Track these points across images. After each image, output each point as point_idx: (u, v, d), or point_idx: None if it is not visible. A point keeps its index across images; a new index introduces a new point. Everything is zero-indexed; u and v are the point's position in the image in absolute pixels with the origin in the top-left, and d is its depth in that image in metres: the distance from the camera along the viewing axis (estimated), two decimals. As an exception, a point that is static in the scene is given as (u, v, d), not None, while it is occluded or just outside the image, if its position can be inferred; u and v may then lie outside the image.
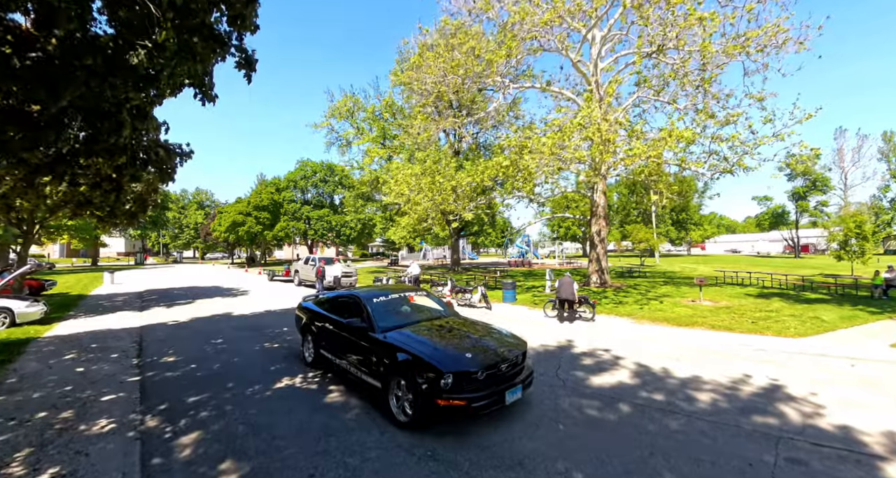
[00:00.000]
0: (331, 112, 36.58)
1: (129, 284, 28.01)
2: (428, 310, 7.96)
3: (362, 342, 6.50)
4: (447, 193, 20.43)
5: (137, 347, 9.86)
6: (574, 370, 7.97)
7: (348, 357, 6.86)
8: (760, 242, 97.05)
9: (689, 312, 14.58)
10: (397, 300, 7.67)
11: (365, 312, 6.81)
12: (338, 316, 7.46)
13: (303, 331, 8.52)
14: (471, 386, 5.30)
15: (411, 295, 8.15)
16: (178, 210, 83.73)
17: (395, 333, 6.29)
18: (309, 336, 8.22)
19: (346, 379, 7.16)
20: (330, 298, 8.29)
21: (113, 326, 12.55)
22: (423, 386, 5.28)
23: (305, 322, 8.45)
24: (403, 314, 7.39)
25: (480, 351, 5.80)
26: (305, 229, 58.57)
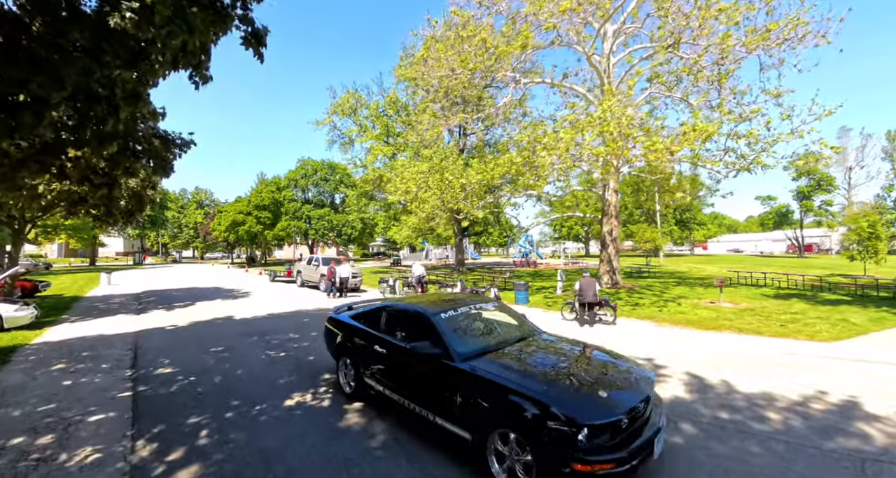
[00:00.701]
0: (333, 109, 35.82)
1: (127, 284, 27.23)
2: (505, 326, 6.32)
3: (435, 374, 4.95)
4: (456, 190, 19.75)
5: (132, 355, 9.10)
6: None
7: (412, 393, 5.28)
8: (763, 241, 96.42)
9: (712, 314, 13.92)
10: (470, 315, 6.11)
11: (435, 334, 5.21)
12: (389, 336, 5.94)
13: (338, 351, 6.93)
14: (616, 439, 3.89)
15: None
16: (177, 209, 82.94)
17: (484, 363, 4.76)
18: (347, 359, 6.64)
19: (407, 420, 5.55)
20: (372, 312, 6.67)
21: (107, 331, 11.78)
22: (547, 445, 3.79)
23: (341, 341, 6.83)
24: (483, 334, 5.91)
25: (613, 387, 4.38)
26: (306, 229, 57.83)
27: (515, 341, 5.60)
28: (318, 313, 14.58)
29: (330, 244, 66.60)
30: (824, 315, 13.22)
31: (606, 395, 4.16)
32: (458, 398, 4.56)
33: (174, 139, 7.09)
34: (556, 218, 30.44)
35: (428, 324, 5.42)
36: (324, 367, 8.06)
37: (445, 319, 5.53)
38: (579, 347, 5.63)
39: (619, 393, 4.28)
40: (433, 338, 5.21)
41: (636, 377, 4.68)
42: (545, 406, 3.90)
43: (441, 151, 27.91)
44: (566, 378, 4.50)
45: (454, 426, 4.61)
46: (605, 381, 4.50)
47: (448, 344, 5.02)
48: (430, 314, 5.54)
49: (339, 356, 6.88)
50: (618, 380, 4.58)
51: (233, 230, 49.89)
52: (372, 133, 34.38)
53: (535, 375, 4.50)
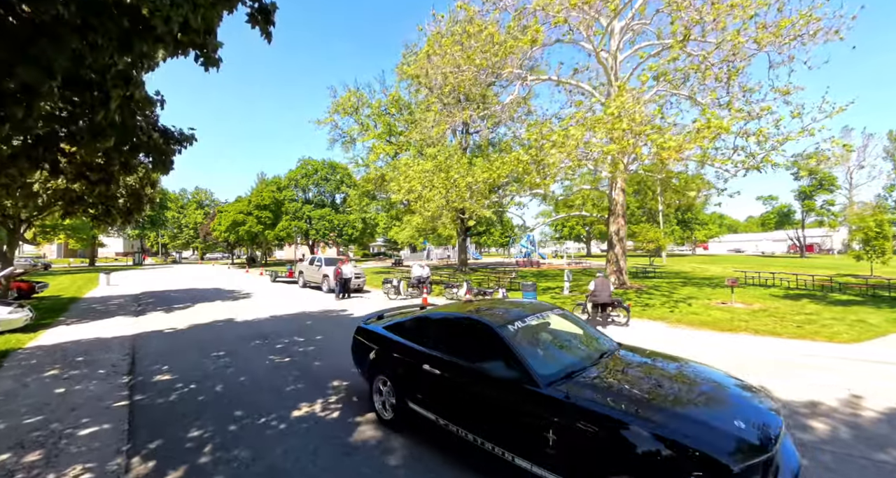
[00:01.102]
0: (334, 108, 35.40)
1: (126, 285, 26.83)
2: (579, 338, 5.34)
3: (514, 403, 3.99)
4: (462, 189, 19.36)
5: (129, 360, 8.68)
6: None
7: (479, 425, 4.31)
8: (764, 241, 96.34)
9: (726, 315, 13.57)
10: (538, 326, 5.19)
11: (508, 352, 4.26)
12: (444, 353, 4.92)
13: (373, 370, 5.81)
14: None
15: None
16: (177, 209, 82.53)
17: (578, 388, 3.82)
18: (385, 379, 5.55)
19: (470, 452, 4.44)
20: (415, 322, 5.65)
21: (104, 334, 11.35)
22: None
23: (377, 358, 5.76)
24: (562, 350, 4.97)
25: (748, 415, 3.55)
26: (307, 229, 57.44)
27: (599, 358, 4.67)
28: (323, 316, 14.18)
29: (331, 244, 66.22)
30: (839, 316, 12.95)
31: (744, 426, 3.35)
32: (551, 436, 3.61)
33: (173, 134, 6.67)
34: (562, 217, 30.10)
35: (495, 339, 4.46)
36: (332, 373, 7.66)
37: (515, 333, 4.57)
38: (679, 364, 4.69)
39: (758, 422, 3.45)
40: (506, 357, 4.26)
41: (762, 400, 3.91)
42: (682, 447, 3.06)
43: (445, 149, 27.51)
44: (690, 407, 3.59)
45: (546, 471, 3.66)
46: (735, 407, 3.70)
47: (528, 366, 4.06)
48: (496, 327, 4.57)
49: (374, 376, 5.76)
50: (748, 405, 3.75)
51: (233, 230, 49.48)
52: (374, 132, 33.97)
53: (652, 404, 3.58)
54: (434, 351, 5.05)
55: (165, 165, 5.89)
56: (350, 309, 15.87)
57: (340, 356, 8.54)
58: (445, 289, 19.45)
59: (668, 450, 3.09)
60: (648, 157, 15.30)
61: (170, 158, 6.06)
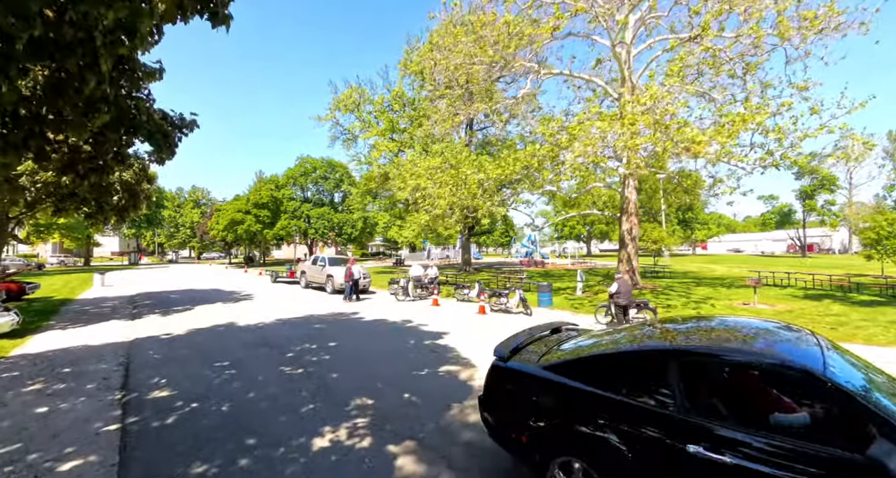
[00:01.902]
0: (336, 104, 34.53)
1: (121, 286, 25.85)
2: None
3: None
4: (473, 186, 18.55)
5: (123, 372, 7.78)
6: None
7: None
8: (763, 241, 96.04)
9: (755, 317, 12.78)
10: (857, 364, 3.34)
11: (870, 416, 2.54)
12: (720, 421, 2.97)
13: (549, 445, 3.67)
14: None
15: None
16: (173, 208, 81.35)
17: None
18: (582, 464, 3.42)
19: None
20: (633, 359, 3.63)
21: (96, 341, 10.42)
22: None
23: (553, 424, 3.65)
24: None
25: None
26: (306, 228, 56.49)
27: None
28: (332, 319, 13.29)
29: (329, 244, 65.30)
30: (869, 317, 12.61)
31: None
32: None
33: (173, 119, 5.83)
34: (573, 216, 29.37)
35: (833, 393, 2.70)
36: (353, 387, 6.79)
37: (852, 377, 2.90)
38: None
39: None
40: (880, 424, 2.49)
41: None
42: None
43: (452, 146, 26.67)
44: None
45: None
46: None
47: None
48: (819, 369, 2.79)
49: (555, 456, 3.58)
50: None
51: (231, 229, 48.46)
52: (376, 129, 33.09)
53: None
54: (694, 417, 3.00)
55: (169, 146, 5.03)
56: (361, 311, 15.03)
57: (359, 366, 7.77)
58: (456, 290, 18.61)
59: None
60: (675, 151, 14.50)
61: (172, 137, 5.22)
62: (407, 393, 6.34)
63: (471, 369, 7.71)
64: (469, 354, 8.76)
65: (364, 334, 10.84)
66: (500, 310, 15.17)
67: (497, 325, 12.26)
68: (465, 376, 7.29)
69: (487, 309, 15.17)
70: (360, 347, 9.34)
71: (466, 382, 6.97)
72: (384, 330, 11.44)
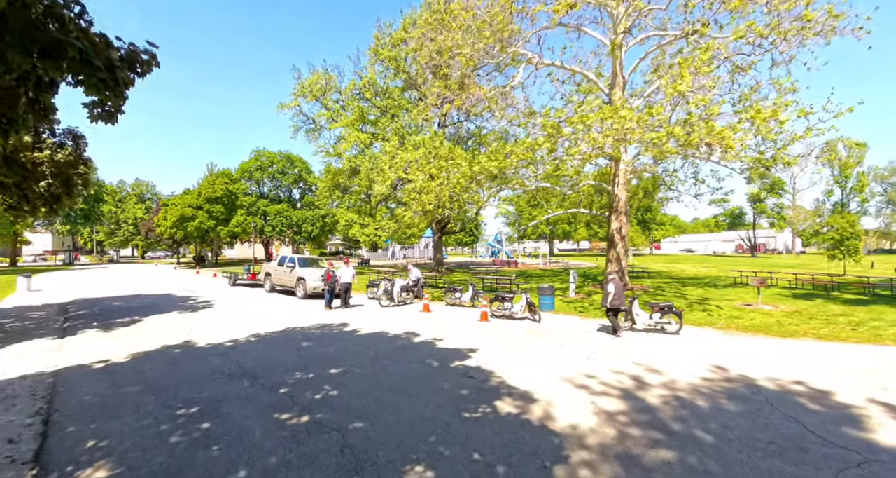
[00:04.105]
0: (300, 90, 31.78)
1: (53, 290, 22.46)
2: None
3: None
4: (464, 180, 16.90)
5: (40, 428, 5.39)
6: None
7: None
8: (714, 241, 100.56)
9: (767, 318, 12.67)
10: None
11: None
12: None
13: None
14: None
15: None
16: (114, 203, 75.11)
17: None
18: None
19: None
20: None
21: (8, 371, 7.79)
22: None
23: None
24: None
25: None
26: (262, 225, 53.08)
27: None
28: (321, 334, 11.01)
29: (287, 242, 61.93)
30: (875, 317, 12.55)
31: None
32: None
33: (123, 48, 3.83)
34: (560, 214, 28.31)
35: None
36: (392, 446, 4.78)
37: None
38: None
39: None
40: None
41: None
42: None
43: (433, 137, 24.83)
44: None
45: None
46: None
47: None
48: None
49: None
50: None
51: (181, 226, 44.50)
52: (346, 118, 30.66)
53: None
54: None
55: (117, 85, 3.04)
56: (349, 322, 12.84)
57: (385, 407, 5.87)
58: (445, 294, 16.87)
59: None
60: (700, 144, 13.52)
61: (122, 80, 3.26)
62: (477, 453, 4.52)
63: (535, 403, 5.99)
64: (515, 379, 7.06)
65: (369, 355, 8.72)
66: (502, 315, 13.59)
67: (517, 336, 10.69)
68: (538, 415, 5.54)
69: (489, 314, 13.56)
70: (372, 374, 7.32)
71: (545, 424, 5.25)
72: (391, 347, 9.45)
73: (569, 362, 8.11)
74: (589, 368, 7.76)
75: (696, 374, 7.49)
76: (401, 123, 29.10)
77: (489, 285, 21.75)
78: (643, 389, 6.65)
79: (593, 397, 6.28)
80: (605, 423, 5.34)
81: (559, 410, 5.73)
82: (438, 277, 27.81)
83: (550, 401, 6.04)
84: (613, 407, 5.88)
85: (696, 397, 6.28)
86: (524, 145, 16.19)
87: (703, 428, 5.24)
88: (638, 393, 6.46)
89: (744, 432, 5.15)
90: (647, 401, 6.13)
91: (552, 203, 31.79)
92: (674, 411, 5.74)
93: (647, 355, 8.71)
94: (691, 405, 5.98)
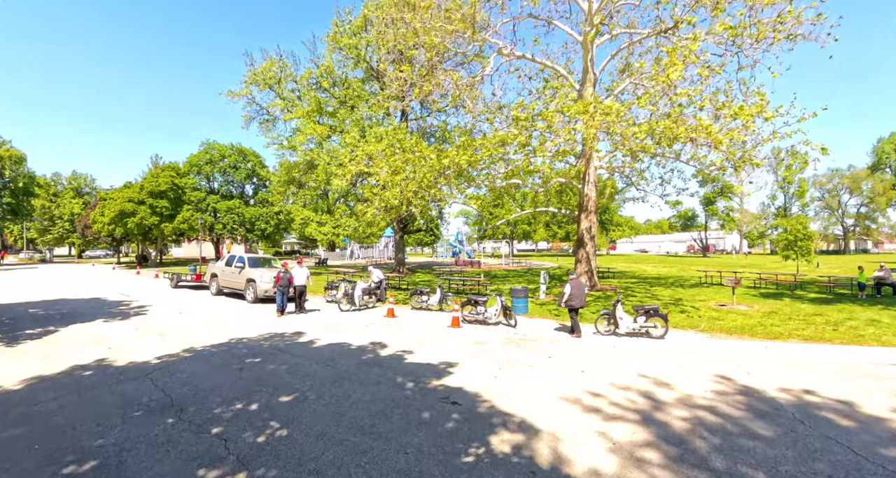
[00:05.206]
0: (252, 78, 29.51)
1: (-42, 294, 19.67)
2: None
3: None
4: (430, 174, 15.69)
5: None
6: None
7: None
8: (666, 242, 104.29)
9: (748, 320, 12.39)
10: None
11: None
12: None
13: None
14: None
15: None
16: (47, 197, 68.90)
17: None
18: None
19: None
20: None
21: None
22: None
23: None
24: None
25: None
26: (212, 223, 49.90)
27: None
28: (271, 347, 9.37)
29: (239, 241, 58.76)
30: (848, 316, 12.77)
31: None
32: None
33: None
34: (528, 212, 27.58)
35: None
36: None
37: None
38: None
39: None
40: None
41: None
42: None
43: (397, 130, 23.41)
44: None
45: None
46: None
47: None
48: None
49: None
50: None
51: (120, 222, 40.87)
52: (301, 109, 28.69)
53: None
54: None
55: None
56: (305, 330, 11.26)
57: (352, 454, 4.49)
58: (411, 297, 15.59)
59: None
60: (685, 139, 12.94)
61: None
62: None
63: (537, 437, 4.83)
64: (507, 402, 5.88)
65: (328, 375, 7.25)
66: (476, 321, 12.47)
67: (496, 346, 9.52)
68: (546, 457, 4.34)
69: (461, 319, 12.41)
70: (333, 403, 5.92)
71: (559, 470, 4.10)
72: (355, 364, 7.96)
73: (563, 378, 7.03)
74: (588, 384, 6.70)
75: (704, 386, 6.67)
76: (361, 114, 27.45)
77: (456, 287, 20.61)
78: (659, 410, 5.65)
79: (606, 424, 5.19)
80: (632, 464, 4.25)
81: (570, 446, 4.59)
82: (401, 278, 26.48)
83: (556, 434, 4.90)
84: (634, 438, 4.81)
85: (721, 419, 5.36)
86: (495, 139, 15.23)
87: (750, 463, 4.31)
88: (656, 416, 5.44)
89: (795, 465, 4.29)
90: (671, 427, 5.13)
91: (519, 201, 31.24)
92: (705, 441, 4.76)
93: (644, 366, 7.78)
94: (721, 430, 5.04)
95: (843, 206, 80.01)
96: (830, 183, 79.20)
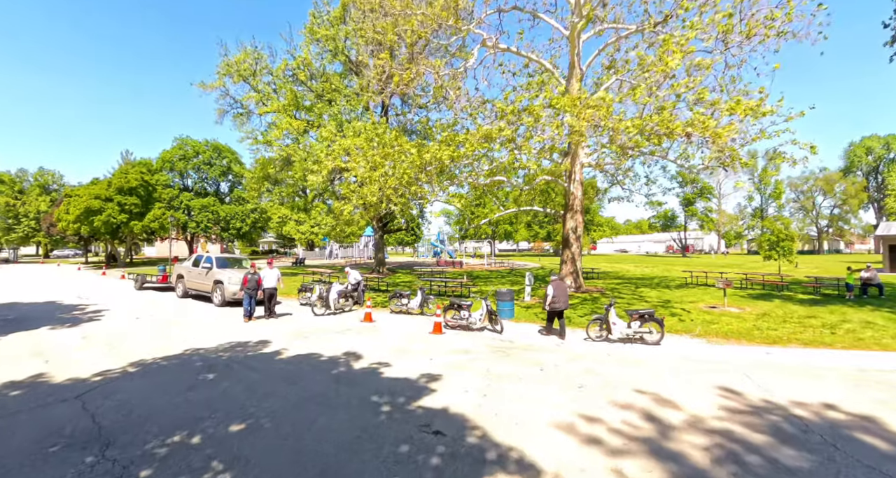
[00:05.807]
0: (225, 69, 28.22)
1: None
2: None
3: None
4: (410, 171, 14.83)
5: None
6: None
7: None
8: (646, 242, 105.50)
9: (743, 323, 11.93)
10: None
11: None
12: None
13: None
14: None
15: None
16: (12, 195, 65.77)
17: None
18: None
19: None
20: None
21: None
22: None
23: None
24: None
25: None
26: (186, 221, 48.15)
27: None
28: (228, 358, 8.48)
29: (214, 240, 56.96)
30: (840, 318, 12.54)
31: None
32: None
33: None
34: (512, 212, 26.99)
35: None
36: None
37: None
38: None
39: None
40: None
41: None
42: None
43: (375, 125, 22.47)
44: None
45: None
46: None
47: None
48: None
49: None
50: None
51: (86, 220, 38.97)
52: (277, 103, 27.55)
53: None
54: None
55: None
56: (271, 339, 10.28)
57: None
58: (391, 299, 14.72)
59: None
60: (682, 133, 12.38)
61: None
62: None
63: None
64: (499, 430, 5.06)
65: (291, 395, 6.31)
66: (460, 326, 11.68)
67: (482, 356, 8.69)
68: None
69: (443, 325, 11.60)
70: (293, 434, 4.96)
71: None
72: (323, 381, 7.02)
73: (558, 396, 6.25)
74: (585, 403, 5.94)
75: (713, 402, 6.02)
76: (339, 108, 26.43)
77: (438, 289, 19.80)
78: (670, 437, 4.90)
79: (614, 460, 4.40)
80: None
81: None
82: (381, 279, 25.58)
83: (559, 474, 4.12)
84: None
85: (743, 447, 4.66)
86: (480, 133, 14.45)
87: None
88: (669, 446, 4.69)
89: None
90: (689, 460, 4.38)
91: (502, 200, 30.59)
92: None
93: (644, 378, 7.07)
94: (747, 463, 4.32)
95: (818, 207, 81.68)
96: (805, 185, 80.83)
